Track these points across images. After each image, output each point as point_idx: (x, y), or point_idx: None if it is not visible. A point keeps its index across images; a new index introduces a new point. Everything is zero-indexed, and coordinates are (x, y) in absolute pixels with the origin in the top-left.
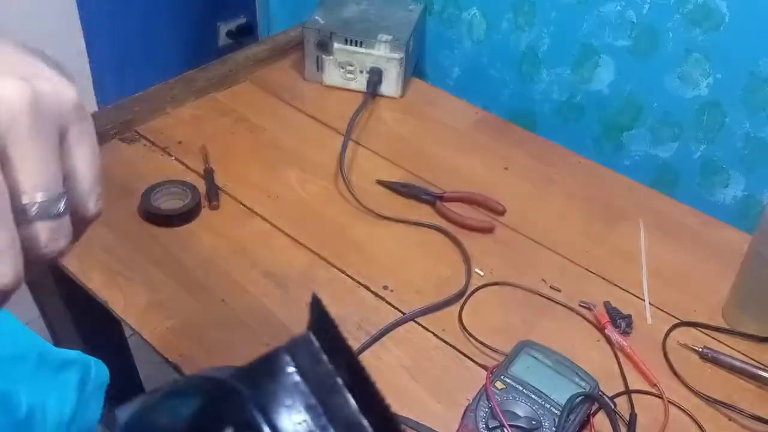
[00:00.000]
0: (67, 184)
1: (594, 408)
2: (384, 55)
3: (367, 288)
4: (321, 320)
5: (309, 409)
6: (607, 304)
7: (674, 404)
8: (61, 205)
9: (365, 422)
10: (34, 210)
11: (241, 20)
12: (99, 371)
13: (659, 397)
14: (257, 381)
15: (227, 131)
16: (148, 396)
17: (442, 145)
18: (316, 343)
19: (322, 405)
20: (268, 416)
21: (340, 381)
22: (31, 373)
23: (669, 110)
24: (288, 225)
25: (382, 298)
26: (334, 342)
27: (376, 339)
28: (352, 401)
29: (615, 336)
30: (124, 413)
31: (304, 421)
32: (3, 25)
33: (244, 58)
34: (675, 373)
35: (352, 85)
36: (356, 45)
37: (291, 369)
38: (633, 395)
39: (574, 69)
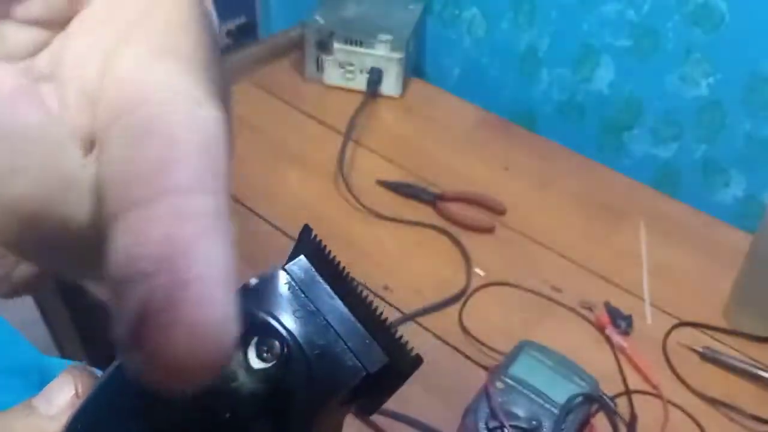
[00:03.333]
0: None
1: (594, 408)
2: (384, 55)
3: (367, 288)
4: (313, 246)
5: (309, 313)
6: (607, 305)
7: (674, 404)
8: None
9: (358, 324)
10: None
11: (241, 20)
12: None
13: (659, 398)
14: (260, 298)
15: None
16: None
17: (442, 145)
18: (310, 265)
19: (319, 310)
20: (278, 320)
21: (332, 292)
22: (27, 389)
23: (669, 110)
24: (288, 225)
25: (382, 298)
26: (324, 264)
27: None
28: (345, 308)
29: (615, 336)
30: None
31: (304, 322)
32: None
33: (244, 58)
34: (675, 374)
35: (352, 85)
36: (356, 45)
37: (290, 283)
38: (633, 395)
39: (575, 69)
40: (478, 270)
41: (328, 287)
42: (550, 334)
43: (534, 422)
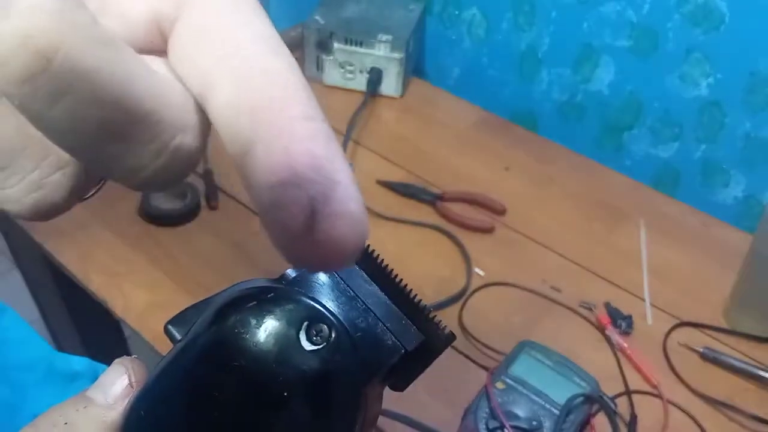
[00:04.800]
0: None
1: (594, 408)
2: (384, 55)
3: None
4: None
5: (349, 299)
6: (607, 305)
7: (674, 405)
8: None
9: (394, 306)
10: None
11: None
12: None
13: (659, 398)
14: (304, 286)
15: None
16: (199, 310)
17: (442, 145)
18: None
19: (358, 295)
20: (323, 305)
21: (369, 278)
22: (39, 383)
23: (669, 110)
24: None
25: None
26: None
27: None
28: (381, 292)
29: (615, 336)
30: (178, 328)
31: (346, 306)
32: None
33: None
34: (675, 374)
35: (352, 85)
36: (356, 45)
37: (330, 272)
38: (633, 396)
39: (574, 69)
40: (478, 270)
41: (364, 274)
42: (550, 334)
43: (534, 422)
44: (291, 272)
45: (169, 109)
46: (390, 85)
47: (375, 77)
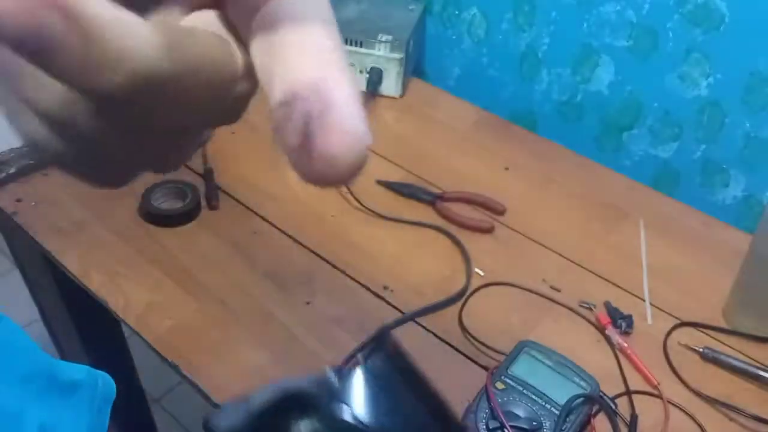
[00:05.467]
0: None
1: (594, 409)
2: (384, 55)
3: (367, 288)
4: (391, 348)
5: (384, 402)
6: (607, 305)
7: (675, 405)
8: None
9: (425, 410)
10: None
11: None
12: (106, 386)
13: (659, 398)
14: (343, 390)
15: (227, 131)
16: (239, 409)
17: (442, 145)
18: (385, 363)
19: (391, 398)
20: (351, 409)
21: (403, 384)
22: (40, 394)
23: (669, 110)
24: (288, 225)
25: (382, 298)
26: (399, 361)
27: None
28: (414, 396)
29: (615, 336)
30: (221, 422)
31: (382, 412)
32: None
33: None
34: (675, 374)
35: None
36: (356, 45)
37: (364, 376)
38: (633, 396)
39: (574, 69)
40: (478, 270)
41: (399, 378)
42: (550, 334)
43: (534, 422)
44: (332, 377)
45: (229, 67)
46: (390, 85)
47: (375, 77)
